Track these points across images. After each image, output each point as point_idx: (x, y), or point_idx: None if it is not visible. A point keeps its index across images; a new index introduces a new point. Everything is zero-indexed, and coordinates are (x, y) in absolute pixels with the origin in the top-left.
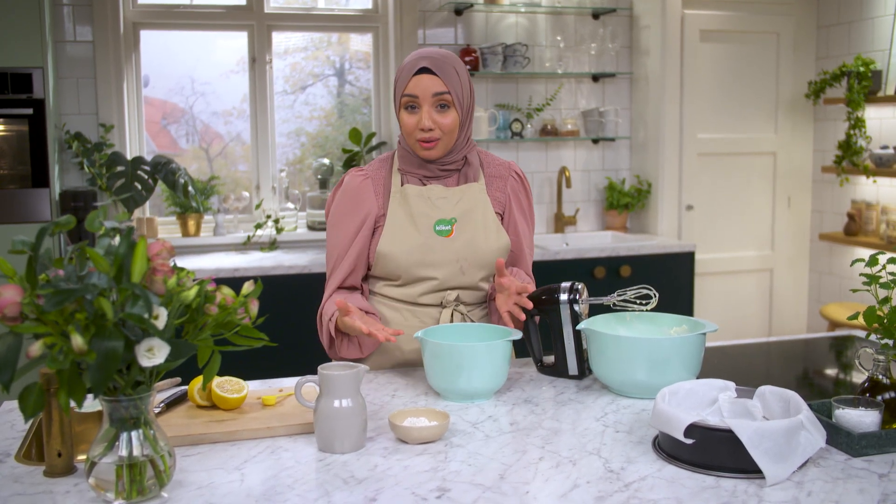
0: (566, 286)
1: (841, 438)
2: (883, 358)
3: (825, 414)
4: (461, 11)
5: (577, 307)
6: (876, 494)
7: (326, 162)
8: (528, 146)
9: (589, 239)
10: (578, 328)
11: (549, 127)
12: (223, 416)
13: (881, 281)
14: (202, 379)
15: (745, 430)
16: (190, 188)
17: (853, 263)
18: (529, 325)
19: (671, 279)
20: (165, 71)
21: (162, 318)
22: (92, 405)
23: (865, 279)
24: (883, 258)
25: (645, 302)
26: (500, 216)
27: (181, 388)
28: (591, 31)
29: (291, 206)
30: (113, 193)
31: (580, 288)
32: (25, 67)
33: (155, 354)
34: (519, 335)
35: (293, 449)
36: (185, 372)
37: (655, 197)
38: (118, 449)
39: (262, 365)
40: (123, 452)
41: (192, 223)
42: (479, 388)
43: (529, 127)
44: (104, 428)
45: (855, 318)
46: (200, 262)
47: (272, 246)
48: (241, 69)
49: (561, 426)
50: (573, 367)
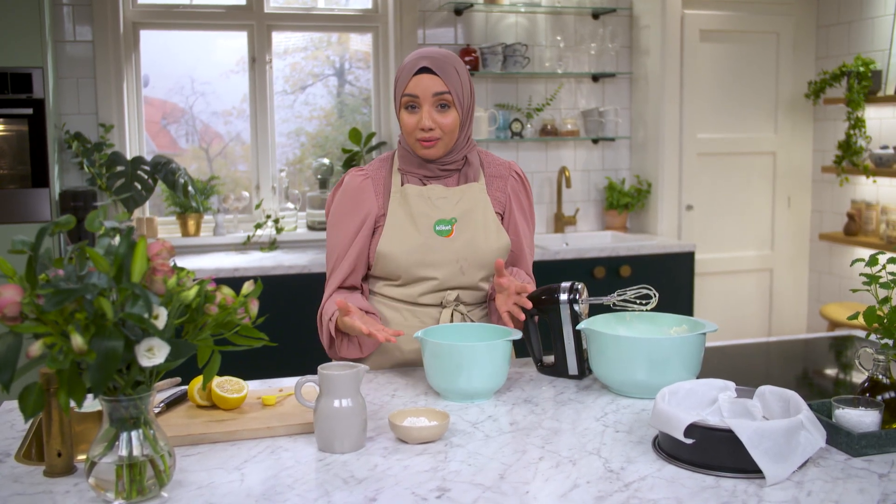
0: (566, 286)
1: (841, 438)
2: (883, 358)
3: (825, 414)
4: (461, 11)
5: (576, 307)
6: (876, 494)
7: (326, 162)
8: (527, 146)
9: (589, 239)
10: (578, 328)
11: (548, 127)
12: (223, 415)
13: (881, 281)
14: (202, 379)
15: (744, 429)
16: (190, 188)
17: (853, 263)
18: (529, 324)
19: (671, 279)
20: (165, 71)
21: (162, 317)
22: (92, 405)
23: (865, 279)
24: (883, 258)
25: (645, 302)
26: (500, 216)
27: (181, 388)
28: (590, 30)
29: (291, 205)
30: (113, 193)
31: (580, 288)
32: (25, 67)
33: (155, 354)
34: (519, 335)
35: (293, 449)
36: (185, 372)
37: (655, 197)
38: (118, 449)
39: (262, 365)
40: (123, 452)
41: (191, 223)
42: (479, 387)
43: (529, 127)
44: (104, 428)
45: (855, 318)
46: (200, 262)
47: (272, 246)
48: (240, 69)
49: (561, 426)
50: (573, 366)
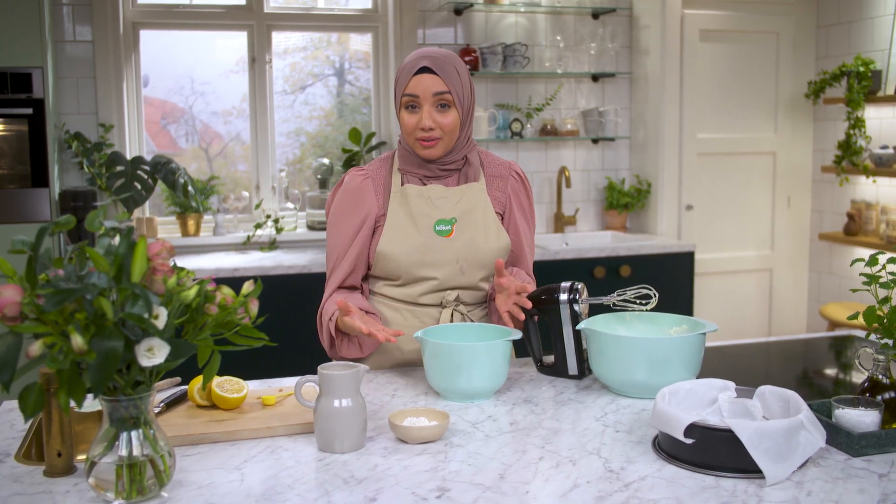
0: (566, 286)
1: (841, 438)
2: (883, 358)
3: (825, 414)
4: (461, 11)
5: (576, 307)
6: (876, 494)
7: (326, 162)
8: (527, 146)
9: (588, 239)
10: (578, 328)
11: (548, 127)
12: (223, 415)
13: (881, 281)
14: (202, 379)
15: (744, 429)
16: (190, 188)
17: (853, 263)
18: (529, 324)
19: (671, 279)
20: (165, 71)
21: (162, 317)
22: (92, 405)
23: (865, 279)
24: (883, 258)
25: (645, 302)
26: (500, 216)
27: (181, 387)
28: (590, 30)
29: (291, 205)
30: (113, 193)
31: (580, 288)
32: (25, 67)
33: (155, 354)
34: (519, 335)
35: (293, 449)
36: (184, 372)
37: (655, 197)
38: (118, 449)
39: (262, 365)
40: (123, 452)
41: (191, 223)
42: (478, 387)
43: (529, 127)
44: (104, 428)
45: (855, 317)
46: (200, 261)
47: (272, 246)
48: (240, 69)
49: (561, 426)
50: (573, 366)
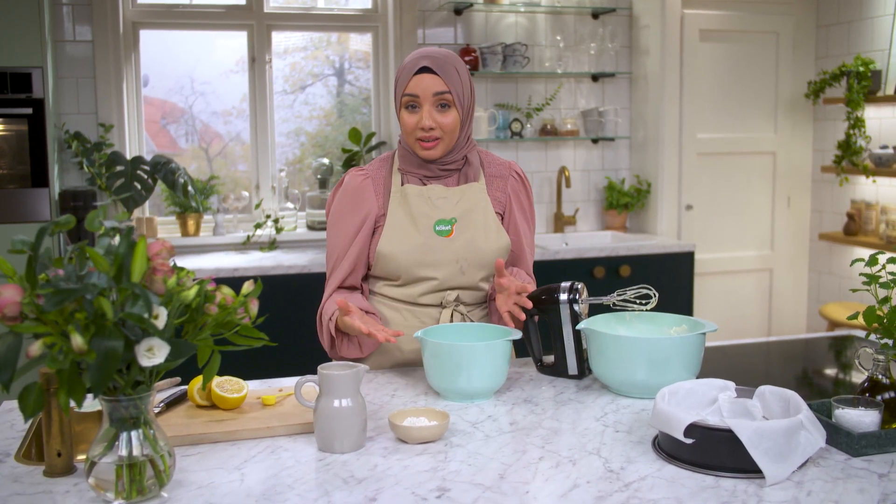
0: (566, 286)
1: (841, 438)
2: (882, 358)
3: (825, 414)
4: (461, 11)
5: (576, 307)
6: (876, 494)
7: (326, 162)
8: (527, 146)
9: (588, 239)
10: (578, 328)
11: (548, 127)
12: (223, 415)
13: (881, 281)
14: (202, 379)
15: (744, 429)
16: (189, 188)
17: (853, 263)
18: (529, 324)
19: (671, 279)
20: (165, 70)
21: (162, 317)
22: (92, 405)
23: (865, 279)
24: (882, 258)
25: (645, 302)
26: (500, 216)
27: (181, 387)
28: (590, 30)
29: (291, 205)
30: (112, 193)
31: (580, 288)
32: (25, 67)
33: (155, 354)
34: (519, 335)
35: (293, 449)
36: (184, 372)
37: (655, 197)
38: (118, 449)
39: (261, 365)
40: (123, 452)
41: (191, 223)
42: (478, 387)
43: (529, 127)
44: (104, 428)
45: (855, 317)
46: (200, 261)
47: (272, 246)
48: (240, 69)
49: (561, 426)
50: (573, 366)
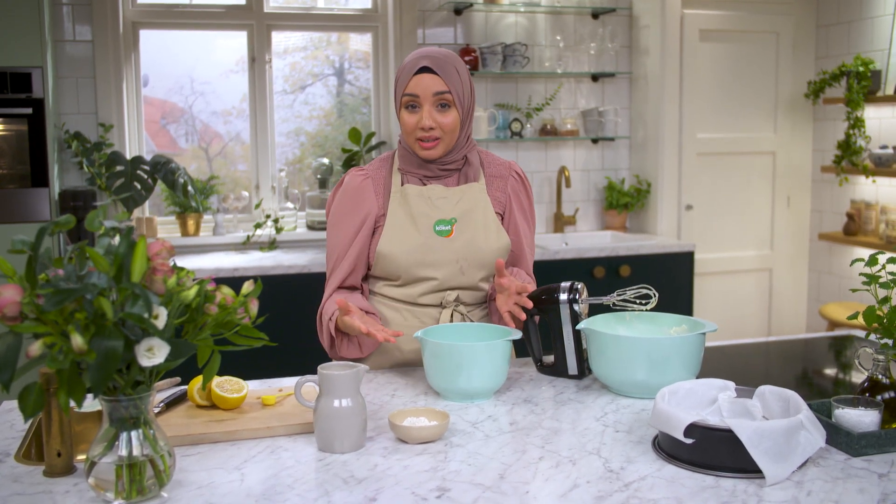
0: (566, 286)
1: (840, 438)
2: (882, 358)
3: (825, 414)
4: (461, 11)
5: (576, 307)
6: (876, 494)
7: (326, 161)
8: (527, 146)
9: (588, 239)
10: (578, 328)
11: (548, 127)
12: (223, 415)
13: (881, 281)
14: (202, 379)
15: (744, 429)
16: (189, 188)
17: (853, 263)
18: (529, 324)
19: (670, 279)
20: (165, 70)
21: (162, 317)
22: (91, 405)
23: (865, 279)
24: (882, 258)
25: (644, 302)
26: (500, 216)
27: (181, 387)
28: (590, 30)
29: (291, 205)
30: (112, 193)
31: (580, 288)
32: (25, 67)
33: (155, 354)
34: (519, 335)
35: (293, 449)
36: (184, 372)
37: (655, 197)
38: (118, 449)
39: (261, 365)
40: (123, 452)
41: (191, 223)
42: (478, 387)
43: (529, 127)
44: (104, 428)
45: (854, 317)
46: (200, 261)
47: (271, 246)
48: (240, 69)
49: (561, 426)
50: (573, 366)
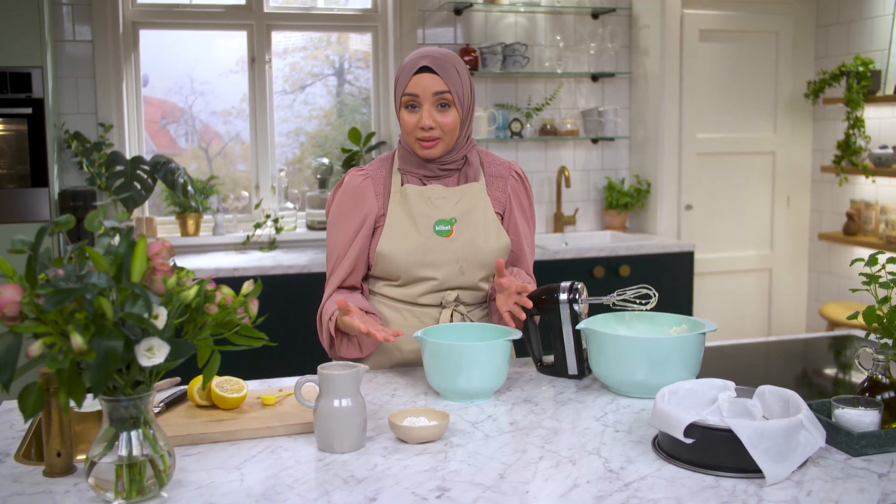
0: (566, 286)
1: (840, 438)
2: (882, 357)
3: (825, 413)
4: (460, 11)
5: (576, 307)
6: (875, 494)
7: (326, 161)
8: (527, 146)
9: (588, 238)
10: (578, 328)
11: (548, 126)
12: (223, 415)
13: (881, 280)
14: (202, 378)
15: (744, 429)
16: (189, 188)
17: (852, 263)
18: (529, 324)
19: (670, 279)
20: (165, 70)
21: (162, 317)
22: (91, 405)
23: (865, 279)
24: (882, 258)
25: (644, 301)
26: (500, 216)
27: (181, 387)
28: (590, 30)
29: (291, 205)
30: (112, 193)
31: (580, 287)
32: (24, 67)
33: (155, 354)
34: (519, 335)
35: (293, 448)
36: (184, 371)
37: (655, 197)
38: (118, 449)
39: (261, 365)
40: (123, 452)
41: (191, 223)
42: (478, 387)
43: (529, 126)
44: (104, 428)
45: (854, 317)
46: (200, 261)
47: (271, 246)
48: (240, 69)
49: (561, 426)
50: (573, 366)
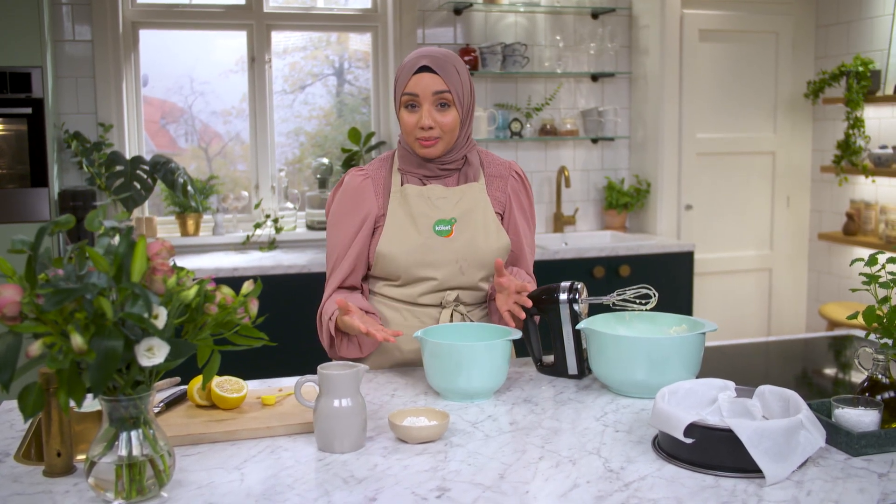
0: (566, 286)
1: (840, 438)
2: (882, 357)
3: (825, 413)
4: (460, 11)
5: (576, 307)
6: (875, 494)
7: (325, 161)
8: (527, 146)
9: (588, 238)
10: (578, 328)
11: (548, 126)
12: (223, 415)
13: (880, 280)
14: (202, 378)
15: (744, 429)
16: (189, 188)
17: (852, 263)
18: (529, 324)
19: (670, 279)
20: (164, 70)
21: (161, 317)
22: (91, 405)
23: (865, 279)
24: (882, 258)
25: (644, 301)
26: (500, 216)
27: (180, 387)
28: (590, 30)
29: (290, 205)
30: (112, 193)
31: (580, 287)
32: (24, 67)
33: (154, 354)
34: (519, 335)
35: (293, 448)
36: (184, 371)
37: (654, 196)
38: (118, 448)
39: (261, 364)
40: (123, 452)
41: (191, 223)
42: (478, 387)
43: (528, 126)
44: (104, 427)
45: (854, 317)
46: (199, 261)
47: (271, 245)
48: (240, 69)
49: (560, 426)
50: (573, 366)
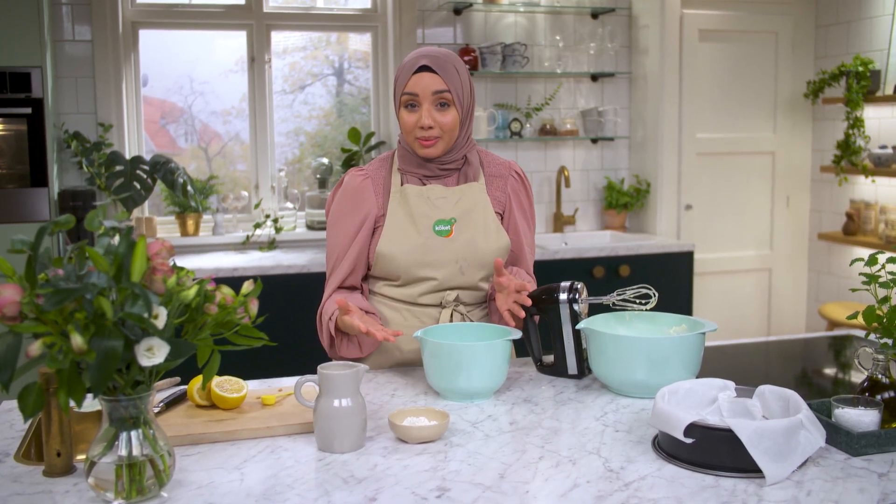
0: (565, 286)
1: (840, 438)
2: (882, 357)
3: (825, 413)
4: (460, 11)
5: (576, 306)
6: (875, 494)
7: (325, 161)
8: (526, 146)
9: (588, 238)
10: (578, 327)
11: (547, 126)
12: (222, 415)
13: (880, 280)
14: (202, 378)
15: (744, 429)
16: (189, 188)
17: (852, 263)
18: (529, 324)
19: (670, 279)
20: (164, 70)
21: (161, 317)
22: (91, 405)
23: (864, 279)
24: (882, 257)
25: (644, 301)
26: (500, 216)
27: (180, 387)
28: (590, 30)
29: (290, 205)
30: (112, 193)
31: (579, 287)
32: (24, 67)
33: (154, 354)
34: (519, 335)
35: (293, 448)
36: (184, 371)
37: (654, 196)
38: (117, 448)
39: (261, 364)
40: (123, 452)
41: (190, 223)
42: (478, 387)
43: (528, 126)
44: (104, 427)
45: (854, 317)
46: (199, 261)
47: (271, 245)
48: (239, 68)
49: (560, 426)
50: (573, 366)
